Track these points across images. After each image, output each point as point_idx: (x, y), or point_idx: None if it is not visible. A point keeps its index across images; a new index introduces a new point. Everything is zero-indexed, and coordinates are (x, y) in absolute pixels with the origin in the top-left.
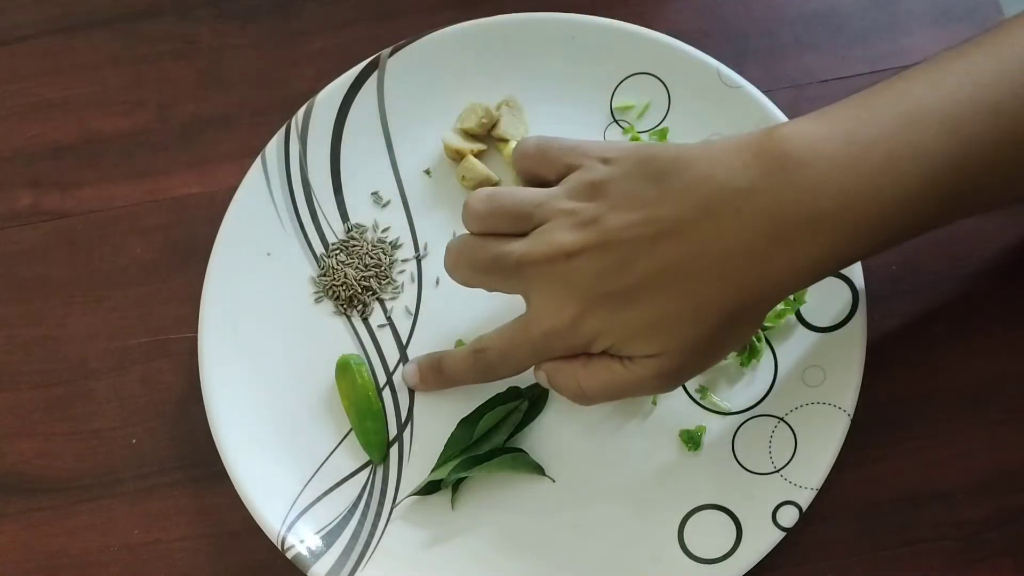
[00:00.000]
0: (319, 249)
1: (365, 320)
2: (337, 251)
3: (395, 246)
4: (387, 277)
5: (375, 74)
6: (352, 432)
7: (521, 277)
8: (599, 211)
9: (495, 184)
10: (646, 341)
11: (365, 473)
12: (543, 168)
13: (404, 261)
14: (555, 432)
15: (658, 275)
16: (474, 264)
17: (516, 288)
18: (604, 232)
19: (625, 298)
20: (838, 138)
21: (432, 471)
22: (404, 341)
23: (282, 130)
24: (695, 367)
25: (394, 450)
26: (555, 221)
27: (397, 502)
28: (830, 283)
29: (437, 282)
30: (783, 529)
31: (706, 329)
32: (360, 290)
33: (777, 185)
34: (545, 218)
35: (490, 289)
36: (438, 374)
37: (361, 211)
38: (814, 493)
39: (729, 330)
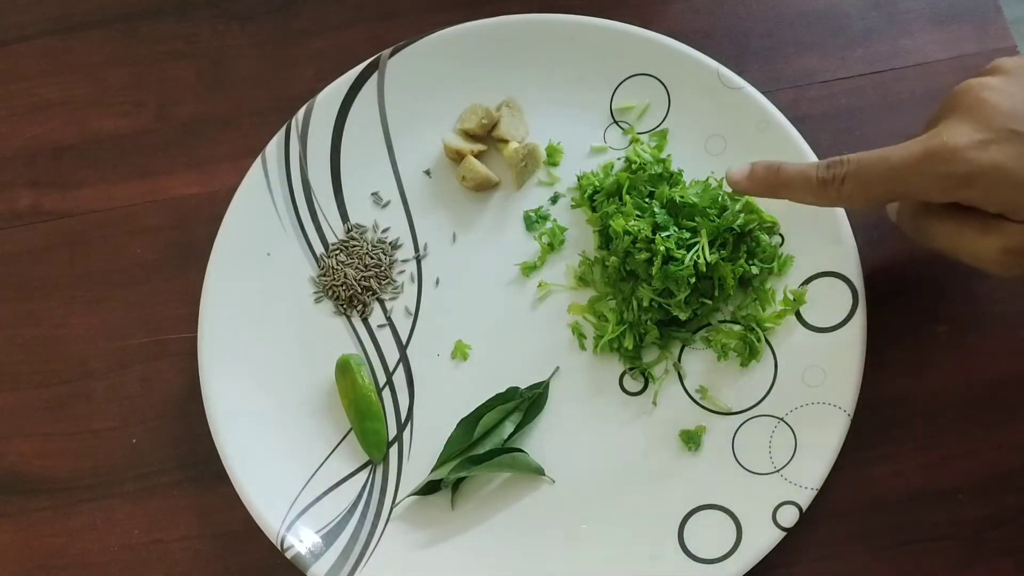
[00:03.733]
0: (319, 249)
1: (365, 320)
2: (337, 251)
3: (395, 246)
4: (387, 277)
5: (375, 74)
6: (352, 432)
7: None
8: None
9: (495, 184)
10: None
11: (365, 473)
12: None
13: (404, 261)
14: (555, 432)
15: None
16: None
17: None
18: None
19: None
20: None
21: (432, 471)
22: (404, 341)
23: (282, 130)
24: None
25: (394, 450)
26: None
27: (397, 502)
28: (830, 283)
29: (437, 282)
30: (783, 529)
31: None
32: (360, 290)
33: None
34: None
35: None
36: (774, 175)
37: (361, 211)
38: (814, 493)
39: None
